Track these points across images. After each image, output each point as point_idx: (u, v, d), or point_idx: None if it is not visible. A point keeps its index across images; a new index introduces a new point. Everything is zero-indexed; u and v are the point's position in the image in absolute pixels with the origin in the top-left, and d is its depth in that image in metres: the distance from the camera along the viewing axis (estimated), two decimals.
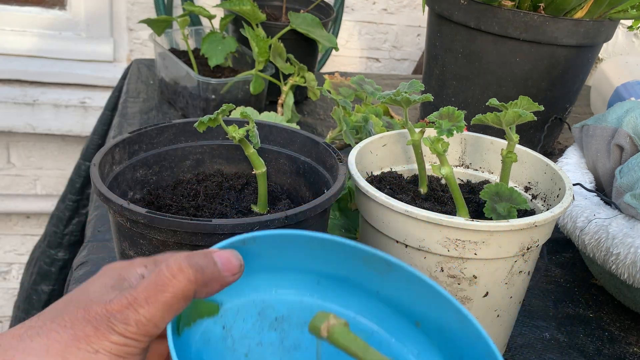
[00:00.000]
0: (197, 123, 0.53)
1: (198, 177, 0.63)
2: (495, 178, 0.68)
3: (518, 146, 0.64)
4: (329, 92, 0.89)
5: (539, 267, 0.77)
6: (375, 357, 0.33)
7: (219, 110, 0.52)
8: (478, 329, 0.36)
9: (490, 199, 0.57)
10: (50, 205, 1.67)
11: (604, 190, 0.77)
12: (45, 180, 1.86)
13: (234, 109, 0.54)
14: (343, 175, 0.55)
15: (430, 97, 0.61)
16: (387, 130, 0.81)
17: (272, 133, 0.63)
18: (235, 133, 0.52)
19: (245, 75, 1.02)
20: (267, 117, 0.89)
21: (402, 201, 0.55)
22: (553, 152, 1.08)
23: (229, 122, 0.60)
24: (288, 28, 1.07)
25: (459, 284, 0.55)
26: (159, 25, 1.10)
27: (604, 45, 1.05)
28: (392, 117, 0.96)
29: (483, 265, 0.54)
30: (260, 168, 0.57)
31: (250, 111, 0.81)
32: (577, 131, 0.81)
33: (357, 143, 0.76)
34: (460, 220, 0.51)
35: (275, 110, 1.04)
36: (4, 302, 2.00)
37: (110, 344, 0.32)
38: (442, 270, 0.55)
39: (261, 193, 0.59)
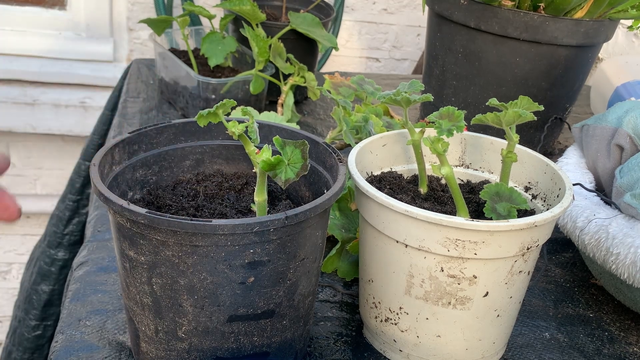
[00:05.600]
0: (197, 116, 0.53)
1: (198, 177, 0.63)
2: (495, 178, 0.68)
3: (518, 146, 0.64)
4: (329, 92, 0.89)
5: (539, 267, 0.77)
6: None
7: (218, 104, 0.52)
8: None
9: (490, 199, 0.57)
10: (50, 205, 1.67)
11: (604, 190, 0.77)
12: (45, 180, 1.87)
13: (235, 105, 0.54)
14: (343, 175, 0.55)
15: (430, 97, 0.61)
16: (387, 130, 0.81)
17: (272, 133, 0.63)
18: (234, 128, 0.52)
19: (245, 75, 1.02)
20: (267, 117, 0.89)
21: (402, 201, 0.55)
22: (553, 152, 1.08)
23: (228, 121, 0.60)
24: (288, 28, 1.07)
25: (459, 284, 0.55)
26: (159, 25, 1.10)
27: (604, 45, 1.05)
28: (392, 117, 0.96)
29: (483, 265, 0.54)
30: None
31: (250, 111, 0.81)
32: (577, 131, 0.81)
33: (357, 143, 0.76)
34: (460, 220, 0.51)
35: (275, 110, 1.04)
36: (4, 302, 2.01)
37: None
38: (442, 270, 0.55)
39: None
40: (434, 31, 1.02)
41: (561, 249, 0.83)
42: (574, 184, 0.72)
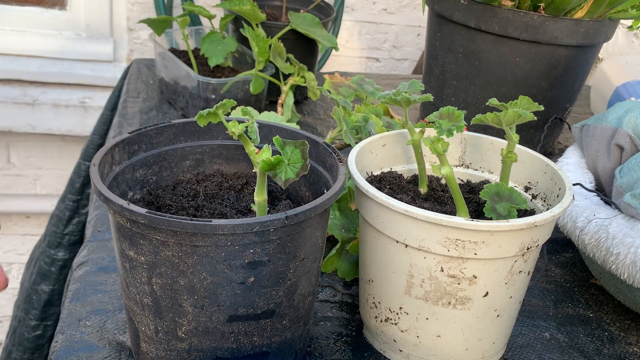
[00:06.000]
0: (197, 116, 0.53)
1: (198, 177, 0.63)
2: (495, 178, 0.68)
3: (518, 146, 0.64)
4: (329, 92, 0.89)
5: (539, 267, 0.77)
6: None
7: (218, 104, 0.53)
8: None
9: (490, 199, 0.57)
10: (50, 205, 1.67)
11: (604, 190, 0.77)
12: (45, 180, 1.86)
13: (235, 105, 0.54)
14: (343, 175, 0.55)
15: (430, 97, 0.61)
16: (387, 130, 0.81)
17: (272, 133, 0.63)
18: (234, 128, 0.52)
19: (245, 75, 1.02)
20: (267, 117, 0.89)
21: (402, 201, 0.55)
22: (553, 152, 1.08)
23: (228, 121, 0.60)
24: (288, 28, 1.07)
25: (459, 283, 0.55)
26: (159, 25, 1.10)
27: (604, 45, 1.05)
28: (392, 117, 0.96)
29: (483, 265, 0.54)
30: None
31: (250, 111, 0.81)
32: (577, 131, 0.81)
33: (357, 143, 0.76)
34: (460, 220, 0.51)
35: (275, 110, 1.04)
36: (4, 302, 2.00)
37: None
38: (442, 270, 0.55)
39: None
40: (434, 31, 1.02)
41: (561, 249, 0.83)
42: (574, 184, 0.72)
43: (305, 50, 1.14)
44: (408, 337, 0.59)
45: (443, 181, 0.67)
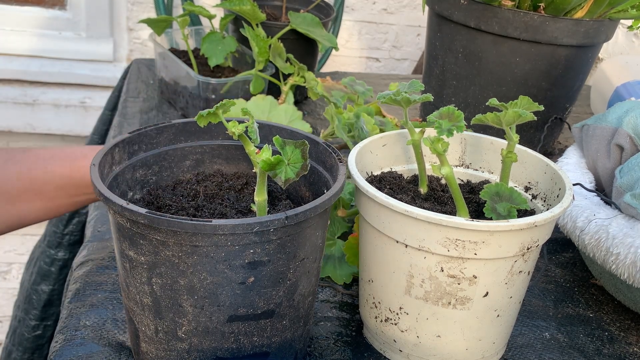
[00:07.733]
0: (197, 117, 0.53)
1: (198, 177, 0.63)
2: (495, 178, 0.68)
3: (518, 146, 0.64)
4: (324, 96, 0.89)
5: (539, 267, 0.77)
6: None
7: (218, 104, 0.53)
8: None
9: (490, 199, 0.57)
10: None
11: (604, 190, 0.77)
12: None
13: (234, 104, 0.54)
14: (343, 175, 0.55)
15: (430, 97, 0.61)
16: (380, 128, 0.81)
17: (272, 133, 0.63)
18: (234, 128, 0.52)
19: (245, 75, 1.02)
20: (285, 112, 0.88)
21: (402, 201, 0.55)
22: (553, 152, 1.08)
23: (228, 121, 0.60)
24: (288, 28, 1.07)
25: (459, 283, 0.55)
26: (159, 25, 1.10)
27: (604, 45, 1.05)
28: (384, 116, 0.96)
29: (483, 265, 0.54)
30: None
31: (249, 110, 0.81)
32: (577, 131, 0.81)
33: (350, 141, 0.76)
34: (460, 220, 0.51)
35: None
36: (4, 302, 2.00)
37: None
38: (442, 270, 0.55)
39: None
40: (434, 31, 1.02)
41: (561, 249, 0.83)
42: (574, 184, 0.72)
43: (305, 50, 1.14)
44: (408, 337, 0.59)
45: (443, 181, 0.67)
